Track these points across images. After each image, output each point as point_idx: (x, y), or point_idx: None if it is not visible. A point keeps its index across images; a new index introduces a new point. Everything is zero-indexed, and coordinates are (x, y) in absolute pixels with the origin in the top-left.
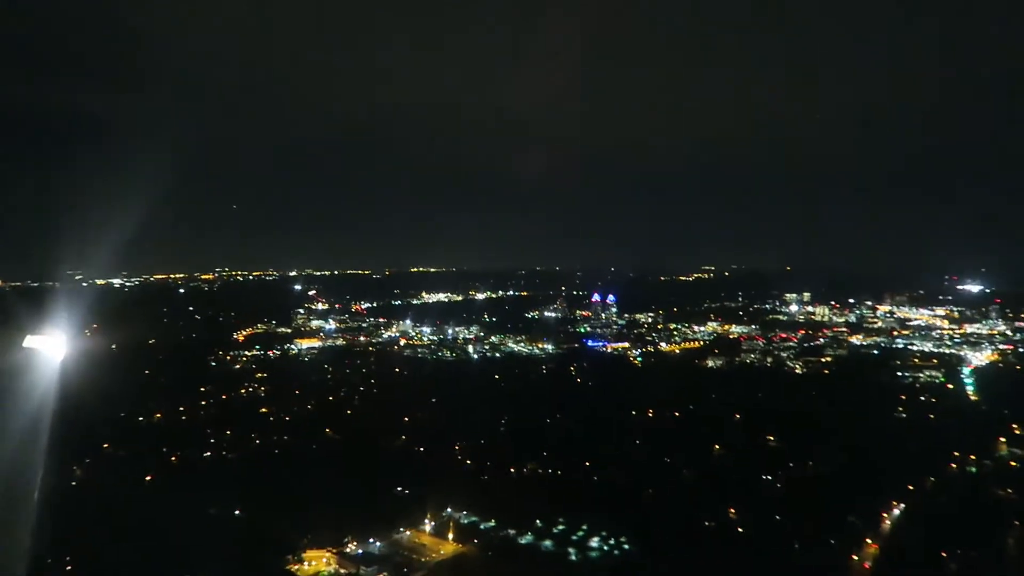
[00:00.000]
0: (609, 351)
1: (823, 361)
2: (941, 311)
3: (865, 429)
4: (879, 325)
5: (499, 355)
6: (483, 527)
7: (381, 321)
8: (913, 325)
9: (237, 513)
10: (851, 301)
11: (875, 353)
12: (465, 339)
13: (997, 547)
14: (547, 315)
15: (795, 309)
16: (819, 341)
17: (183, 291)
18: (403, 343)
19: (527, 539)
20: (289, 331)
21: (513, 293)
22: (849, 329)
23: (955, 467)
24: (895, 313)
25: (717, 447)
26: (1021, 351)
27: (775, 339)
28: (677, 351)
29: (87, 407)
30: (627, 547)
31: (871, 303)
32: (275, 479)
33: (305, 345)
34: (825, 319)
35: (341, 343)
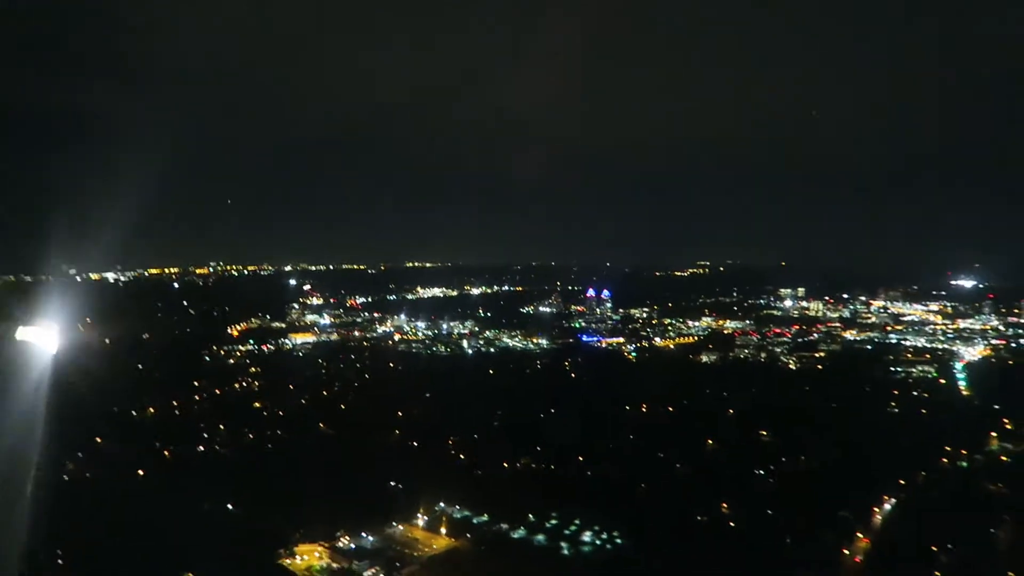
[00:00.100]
0: (604, 346)
1: (816, 356)
2: (935, 306)
3: (857, 424)
4: (873, 320)
5: (493, 350)
6: (476, 521)
7: (376, 316)
8: (907, 320)
9: (230, 507)
10: (845, 296)
11: (868, 348)
12: (460, 334)
13: (987, 541)
14: (542, 310)
15: (789, 304)
16: (813, 336)
17: (177, 285)
18: (397, 338)
19: (520, 534)
20: (283, 326)
21: (508, 288)
22: (843, 324)
23: (946, 462)
24: (889, 308)
25: (710, 442)
26: (1013, 346)
27: (769, 334)
28: (672, 346)
29: (80, 401)
30: (620, 542)
31: (865, 298)
32: (268, 474)
33: (299, 340)
34: (819, 314)
35: (335, 338)
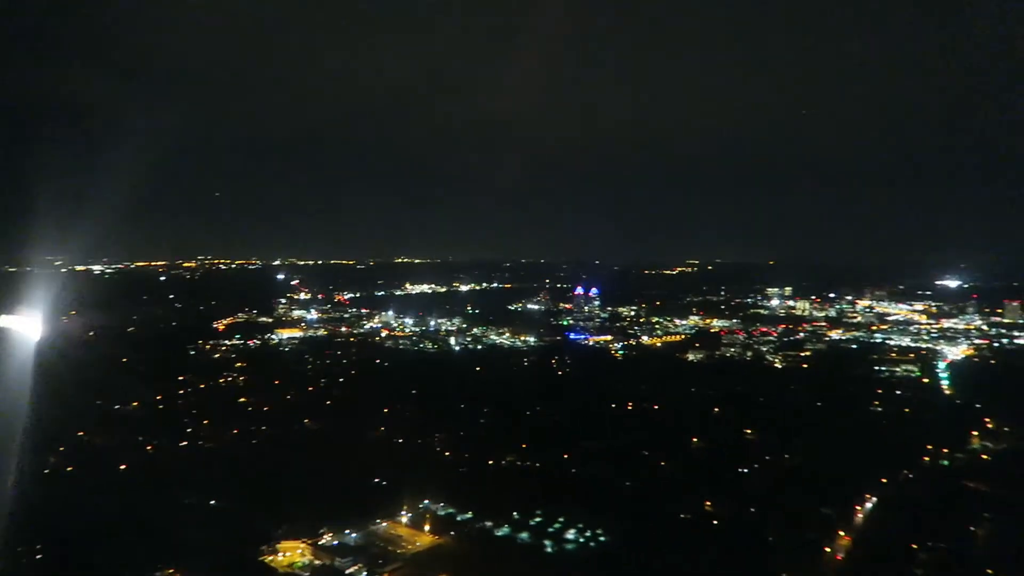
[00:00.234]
0: (591, 344)
1: (802, 355)
2: (920, 306)
3: (841, 422)
4: (858, 320)
5: (481, 347)
6: (460, 519)
7: (364, 311)
8: (892, 320)
9: (213, 503)
10: (832, 296)
11: (853, 347)
12: (447, 331)
13: (968, 539)
14: (530, 307)
15: (776, 303)
16: (799, 335)
17: (164, 278)
18: (385, 334)
19: (503, 531)
20: (270, 320)
21: (498, 285)
22: (829, 323)
23: (928, 460)
24: (874, 308)
25: (695, 440)
26: (996, 346)
27: (755, 333)
28: (659, 344)
29: (63, 394)
30: (603, 539)
31: (851, 298)
32: (252, 469)
33: (286, 335)
34: (806, 313)
35: (323, 333)
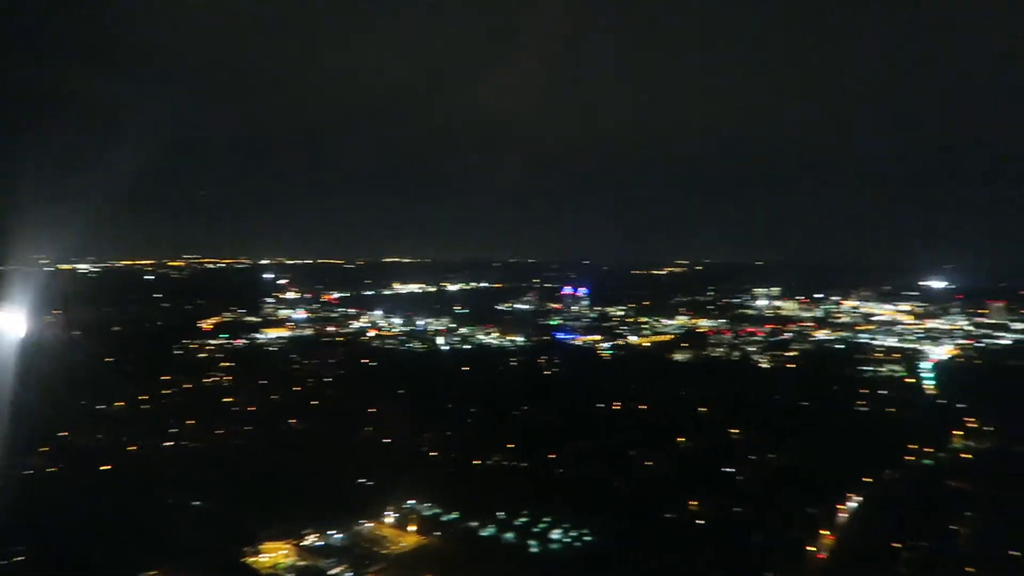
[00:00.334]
0: (579, 344)
1: (788, 355)
2: (905, 306)
3: (826, 422)
4: (844, 320)
5: (469, 347)
6: (445, 519)
7: (352, 311)
8: (877, 320)
9: (196, 504)
10: (818, 296)
11: (839, 348)
12: (435, 330)
13: (950, 538)
14: (519, 307)
15: (764, 303)
16: (785, 335)
17: (151, 278)
18: (373, 333)
19: (489, 531)
20: (258, 320)
21: (487, 284)
22: (815, 324)
23: (912, 459)
24: (860, 308)
25: (681, 440)
26: (980, 346)
27: (742, 333)
28: (647, 344)
29: (46, 393)
30: (588, 539)
31: (838, 298)
32: (236, 469)
33: (273, 334)
34: (792, 314)
35: (310, 333)
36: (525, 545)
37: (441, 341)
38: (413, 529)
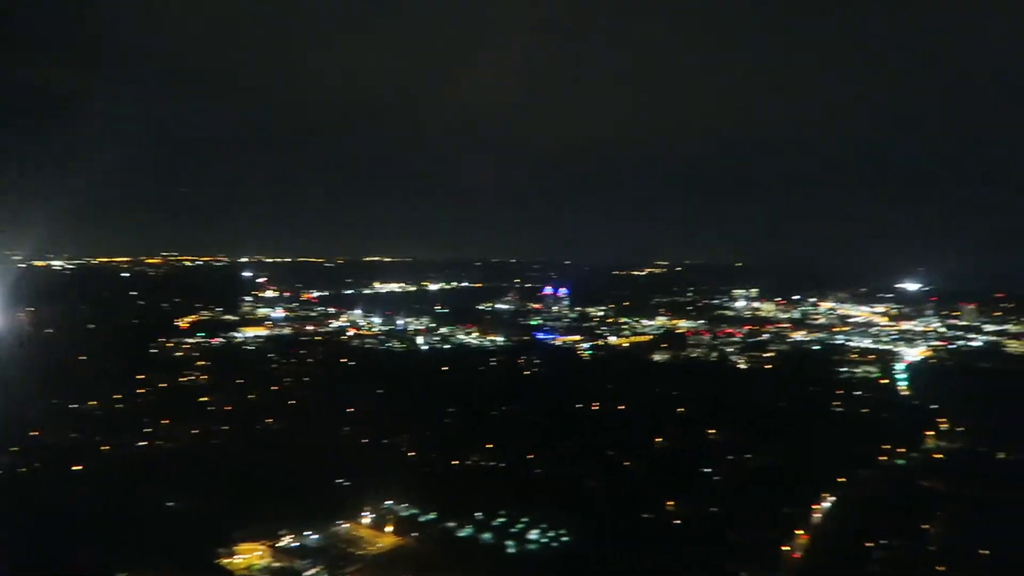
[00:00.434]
0: (559, 344)
1: (766, 356)
2: (880, 308)
3: (802, 423)
4: (821, 321)
5: (449, 346)
6: (423, 520)
7: (331, 310)
8: (853, 321)
9: (170, 505)
10: (796, 297)
11: (816, 349)
12: (415, 330)
13: (921, 537)
14: (500, 307)
15: (742, 305)
16: (763, 336)
17: (127, 275)
18: (352, 333)
19: (466, 532)
20: (235, 318)
21: (468, 284)
22: (792, 325)
23: (885, 459)
24: (837, 310)
25: (659, 440)
26: (952, 347)
27: (720, 334)
28: (626, 345)
29: (17, 392)
30: (566, 539)
31: (815, 300)
32: (212, 470)
33: (251, 333)
34: (770, 315)
35: (288, 332)
36: (503, 546)
37: (421, 340)
38: (390, 530)
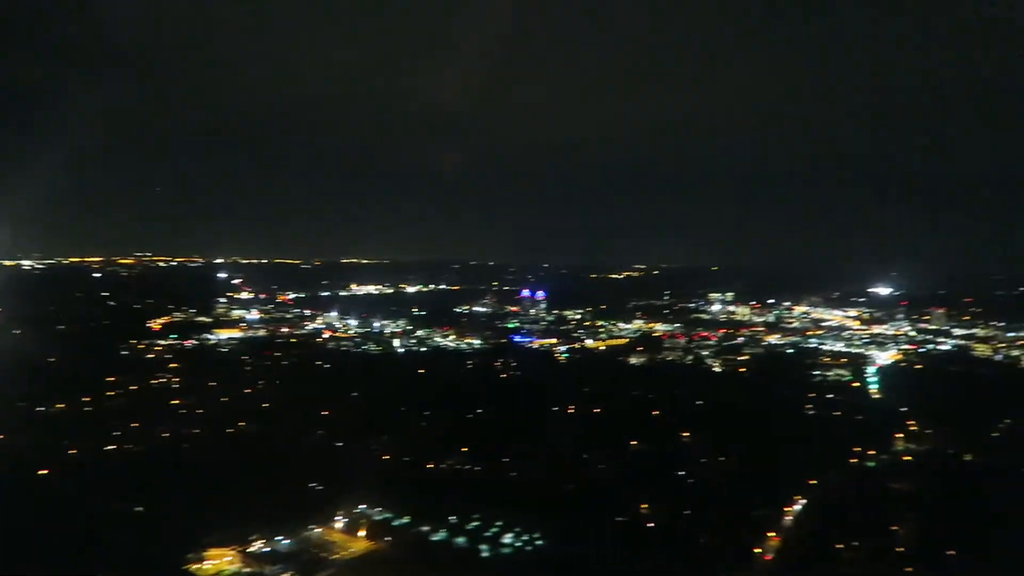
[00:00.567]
0: (536, 347)
1: (740, 359)
2: (853, 312)
3: (775, 426)
4: (795, 325)
5: (425, 349)
6: (396, 524)
7: (307, 312)
8: (826, 325)
9: (138, 510)
10: (771, 301)
11: (789, 352)
12: (392, 332)
13: (890, 538)
14: (477, 309)
15: (718, 308)
16: (738, 340)
17: (99, 275)
18: (328, 335)
19: (440, 536)
20: (209, 320)
21: (445, 286)
22: (767, 328)
23: (855, 462)
24: (811, 314)
25: (634, 443)
26: (922, 351)
27: (696, 337)
28: (603, 348)
29: None
30: (540, 543)
31: (789, 303)
32: (182, 474)
33: (224, 335)
34: (745, 318)
35: (263, 334)
36: (476, 549)
37: (397, 343)
38: (363, 534)
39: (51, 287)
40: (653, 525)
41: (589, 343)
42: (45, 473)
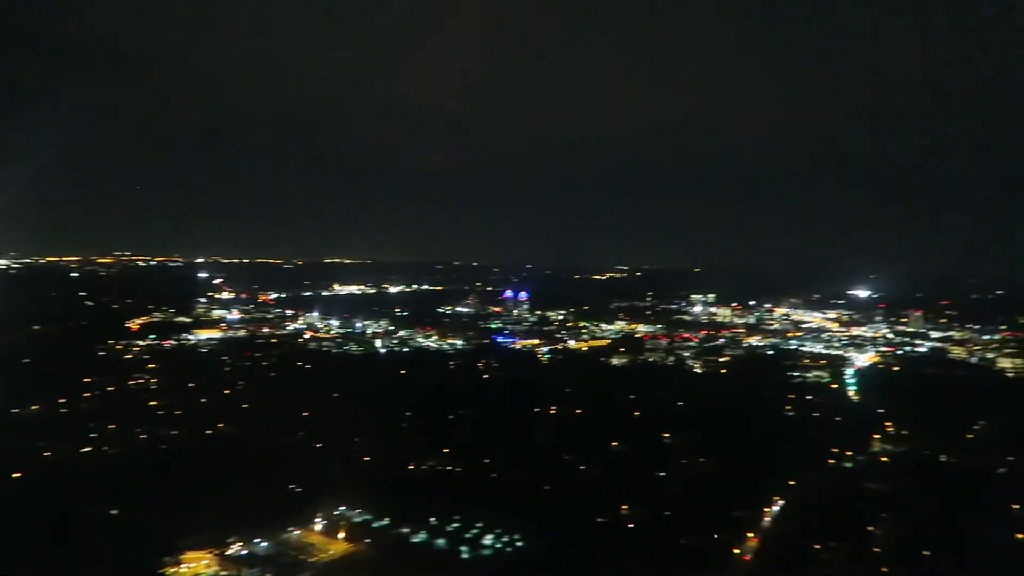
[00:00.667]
0: (518, 348)
1: (721, 360)
2: (832, 314)
3: (755, 427)
4: (775, 327)
5: (407, 350)
6: (376, 525)
7: (289, 312)
8: (806, 327)
9: (114, 512)
10: (752, 303)
11: (770, 353)
12: (374, 332)
13: (866, 538)
14: (460, 310)
15: (699, 310)
16: (719, 341)
17: (77, 275)
18: (309, 335)
19: (420, 537)
20: (189, 320)
21: (428, 287)
22: (747, 330)
23: (833, 462)
24: (791, 315)
25: (615, 444)
26: (899, 353)
27: (677, 338)
28: (585, 348)
29: None
30: (520, 544)
31: (769, 305)
32: (159, 476)
33: (204, 336)
34: (726, 320)
35: (243, 334)
36: (456, 551)
37: (379, 343)
38: (342, 536)
39: (27, 287)
40: (634, 526)
41: (571, 344)
42: (19, 476)
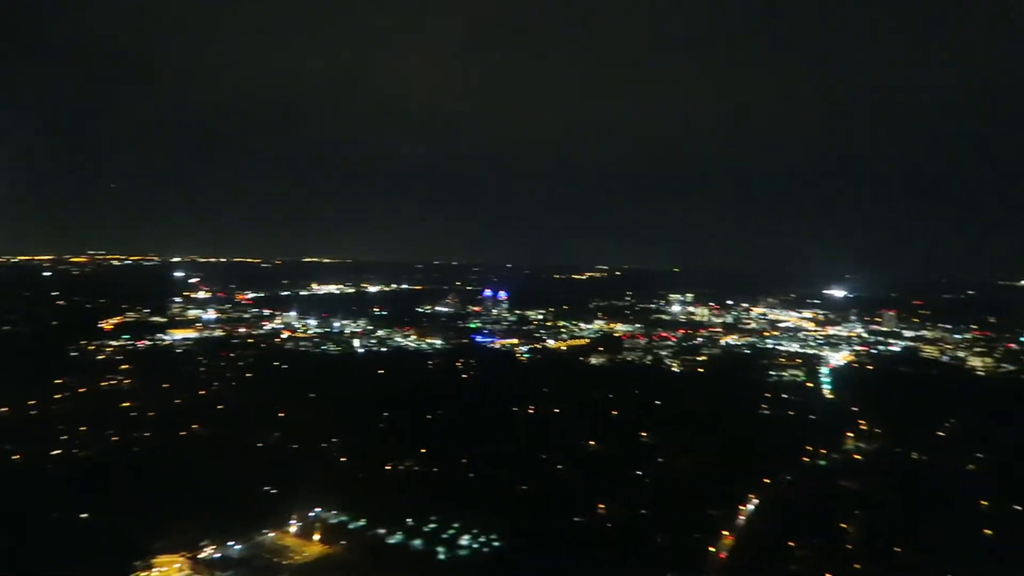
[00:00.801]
0: (498, 347)
1: (698, 359)
2: (808, 314)
3: (731, 426)
4: (752, 326)
5: (386, 349)
6: (352, 527)
7: (266, 312)
8: (783, 326)
9: (84, 516)
10: (729, 303)
11: (746, 353)
12: (352, 332)
13: (839, 535)
14: (439, 309)
15: (678, 309)
16: (697, 340)
17: (49, 274)
18: (286, 335)
19: (396, 538)
20: (164, 320)
21: (407, 286)
22: (725, 329)
23: (807, 460)
24: (767, 315)
25: (592, 443)
26: (873, 352)
27: (655, 338)
28: (564, 348)
29: None
30: (497, 544)
31: (747, 305)
32: (131, 479)
33: (179, 336)
34: (704, 319)
35: (219, 334)
36: (433, 552)
37: (357, 343)
38: (318, 538)
39: None
40: (610, 525)
41: (550, 343)
42: None
